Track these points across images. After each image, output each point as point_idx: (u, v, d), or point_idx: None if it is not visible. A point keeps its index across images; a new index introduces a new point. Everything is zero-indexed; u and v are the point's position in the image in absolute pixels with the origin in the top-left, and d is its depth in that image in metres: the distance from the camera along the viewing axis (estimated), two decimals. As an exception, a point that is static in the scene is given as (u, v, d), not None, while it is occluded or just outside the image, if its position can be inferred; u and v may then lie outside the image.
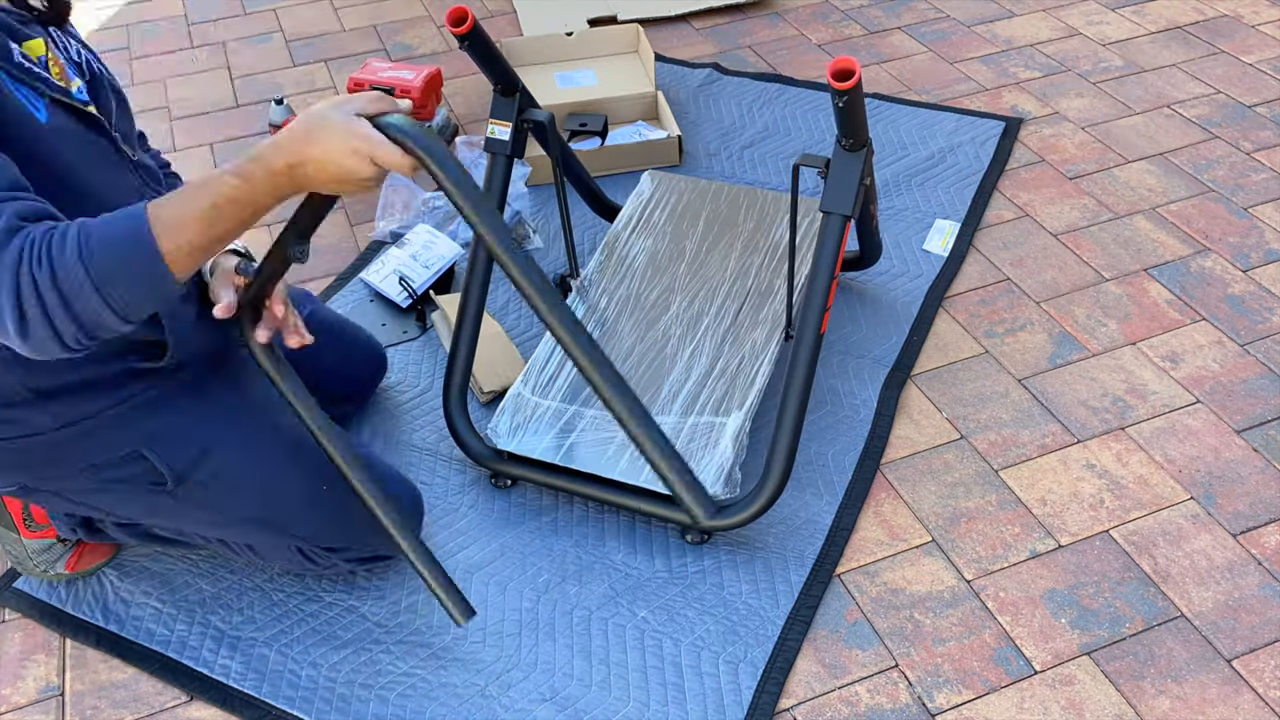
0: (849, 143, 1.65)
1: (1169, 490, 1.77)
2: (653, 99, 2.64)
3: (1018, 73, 2.81)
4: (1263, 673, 1.52)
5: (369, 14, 3.22)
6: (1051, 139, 2.57)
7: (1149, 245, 2.25)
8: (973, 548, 1.70)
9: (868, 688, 1.53)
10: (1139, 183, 2.43)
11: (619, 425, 1.27)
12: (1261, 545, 1.68)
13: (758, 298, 1.96)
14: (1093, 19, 3.03)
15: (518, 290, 1.11)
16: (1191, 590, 1.63)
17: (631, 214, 2.15)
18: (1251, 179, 2.42)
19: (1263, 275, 2.17)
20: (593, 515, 1.76)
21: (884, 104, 2.70)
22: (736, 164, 2.53)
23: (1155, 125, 2.60)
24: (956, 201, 2.38)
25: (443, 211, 2.37)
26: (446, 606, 1.41)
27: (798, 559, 1.68)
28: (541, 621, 1.61)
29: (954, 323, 2.10)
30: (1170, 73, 2.79)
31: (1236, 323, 2.07)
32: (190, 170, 2.60)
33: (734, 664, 1.55)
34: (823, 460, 1.83)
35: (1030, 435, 1.88)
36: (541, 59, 2.84)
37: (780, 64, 2.89)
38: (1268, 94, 2.69)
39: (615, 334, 1.92)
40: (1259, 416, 1.89)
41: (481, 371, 1.96)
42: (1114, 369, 1.99)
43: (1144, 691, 1.51)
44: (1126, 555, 1.68)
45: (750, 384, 1.80)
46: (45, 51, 1.24)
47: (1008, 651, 1.56)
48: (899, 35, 3.00)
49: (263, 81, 2.93)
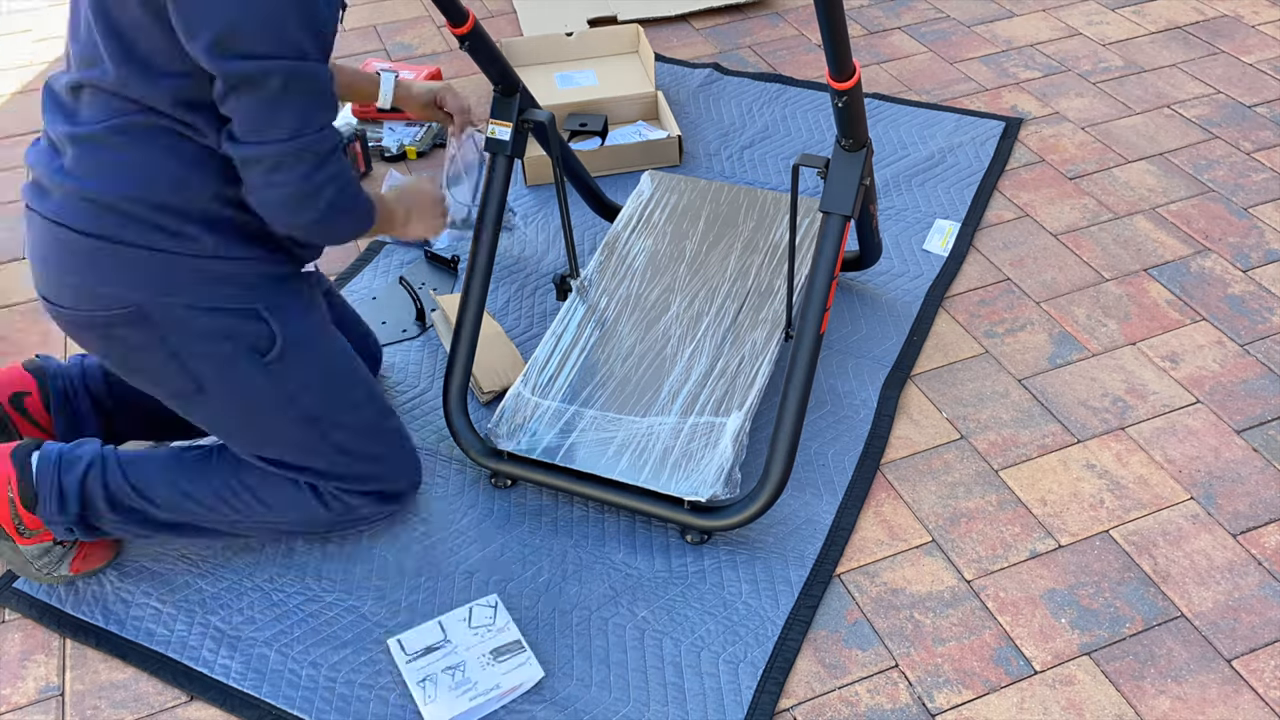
0: (849, 143, 1.65)
1: (1169, 490, 1.78)
2: (653, 99, 2.64)
3: (1018, 73, 2.81)
4: (1263, 673, 1.52)
5: (369, 14, 3.22)
6: (1051, 139, 2.57)
7: (1149, 245, 2.26)
8: (973, 548, 1.70)
9: (868, 688, 1.53)
10: (1139, 183, 2.43)
11: None
12: (1262, 545, 1.69)
13: (758, 298, 1.96)
14: (1093, 19, 3.03)
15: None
16: (1191, 590, 1.63)
17: (631, 214, 2.15)
18: (1251, 179, 2.42)
19: (1263, 275, 2.17)
20: (593, 515, 1.76)
21: (884, 104, 2.70)
22: (736, 164, 2.53)
23: (1155, 125, 2.60)
24: (956, 201, 2.38)
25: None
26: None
27: (798, 559, 1.68)
28: (541, 621, 1.61)
29: (954, 323, 2.10)
30: (1170, 73, 2.79)
31: (1236, 323, 2.07)
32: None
33: (734, 664, 1.55)
34: (823, 460, 1.83)
35: (1030, 435, 1.88)
36: (541, 59, 2.85)
37: (780, 64, 2.89)
38: (1268, 94, 2.69)
39: (615, 334, 1.92)
40: (1259, 416, 1.89)
41: (481, 371, 1.96)
42: (1114, 369, 1.99)
43: (1144, 691, 1.51)
44: (1126, 555, 1.68)
45: (750, 384, 1.80)
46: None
47: (1008, 651, 1.56)
48: (899, 35, 3.00)
49: (263, 81, 2.93)
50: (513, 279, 2.23)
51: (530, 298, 2.19)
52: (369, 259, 2.30)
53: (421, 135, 2.60)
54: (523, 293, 2.20)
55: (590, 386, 1.83)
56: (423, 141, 2.60)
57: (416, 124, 2.63)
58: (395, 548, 1.72)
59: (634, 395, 1.81)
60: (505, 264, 2.27)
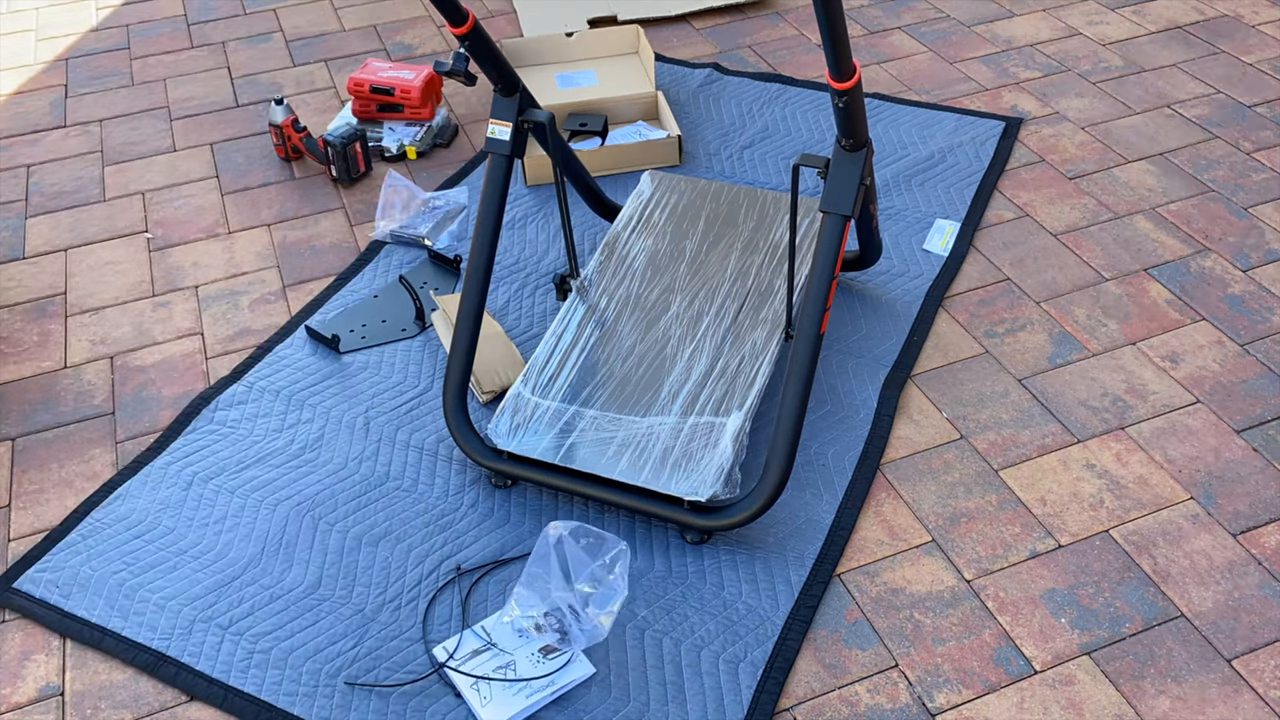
0: (849, 143, 1.65)
1: (1169, 490, 1.78)
2: (653, 99, 2.64)
3: (1018, 73, 2.81)
4: (1263, 673, 1.52)
5: (369, 14, 3.22)
6: (1051, 139, 2.57)
7: (1149, 245, 2.26)
8: (973, 548, 1.70)
9: (867, 687, 1.53)
10: (1139, 183, 2.43)
11: None
12: (1261, 545, 1.69)
13: (758, 298, 1.96)
14: (1093, 19, 3.03)
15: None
16: (1191, 590, 1.63)
17: (631, 214, 2.15)
18: (1251, 179, 2.42)
19: (1263, 275, 2.17)
20: (593, 515, 1.76)
21: (884, 104, 2.70)
22: (736, 164, 2.53)
23: (1155, 125, 2.60)
24: (956, 201, 2.38)
25: (442, 211, 2.37)
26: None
27: (797, 559, 1.68)
28: (541, 621, 1.61)
29: (954, 323, 2.10)
30: (1170, 73, 2.79)
31: (1236, 322, 2.07)
32: (192, 170, 2.60)
33: (734, 664, 1.55)
34: (823, 460, 1.83)
35: (1030, 435, 1.88)
36: (541, 59, 2.85)
37: (780, 64, 2.89)
38: (1268, 94, 2.69)
39: (615, 334, 1.92)
40: (1259, 416, 1.89)
41: (481, 371, 1.96)
42: (1114, 369, 1.99)
43: (1144, 691, 1.51)
44: (1126, 555, 1.68)
45: (750, 384, 1.80)
46: None
47: (1008, 651, 1.56)
48: (899, 35, 3.00)
49: (263, 81, 2.93)
50: (513, 279, 2.23)
51: (530, 297, 2.19)
52: (369, 259, 2.30)
53: (421, 135, 2.60)
54: (523, 292, 2.20)
55: (590, 386, 1.83)
56: (422, 141, 2.60)
57: (416, 124, 2.63)
58: (399, 547, 1.72)
59: (634, 395, 1.81)
60: (505, 264, 2.27)
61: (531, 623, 1.55)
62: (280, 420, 1.94)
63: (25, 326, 2.19)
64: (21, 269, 2.34)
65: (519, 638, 1.56)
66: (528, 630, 1.56)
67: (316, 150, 2.51)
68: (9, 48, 3.15)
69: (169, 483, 1.84)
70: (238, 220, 2.44)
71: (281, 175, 2.58)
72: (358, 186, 2.52)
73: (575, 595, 1.51)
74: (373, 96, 2.62)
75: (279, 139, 2.57)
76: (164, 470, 1.87)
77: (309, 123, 2.73)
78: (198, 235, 2.41)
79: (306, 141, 2.53)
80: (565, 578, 1.52)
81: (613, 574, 1.53)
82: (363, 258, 2.31)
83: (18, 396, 2.04)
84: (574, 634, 1.52)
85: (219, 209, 2.48)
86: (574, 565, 1.52)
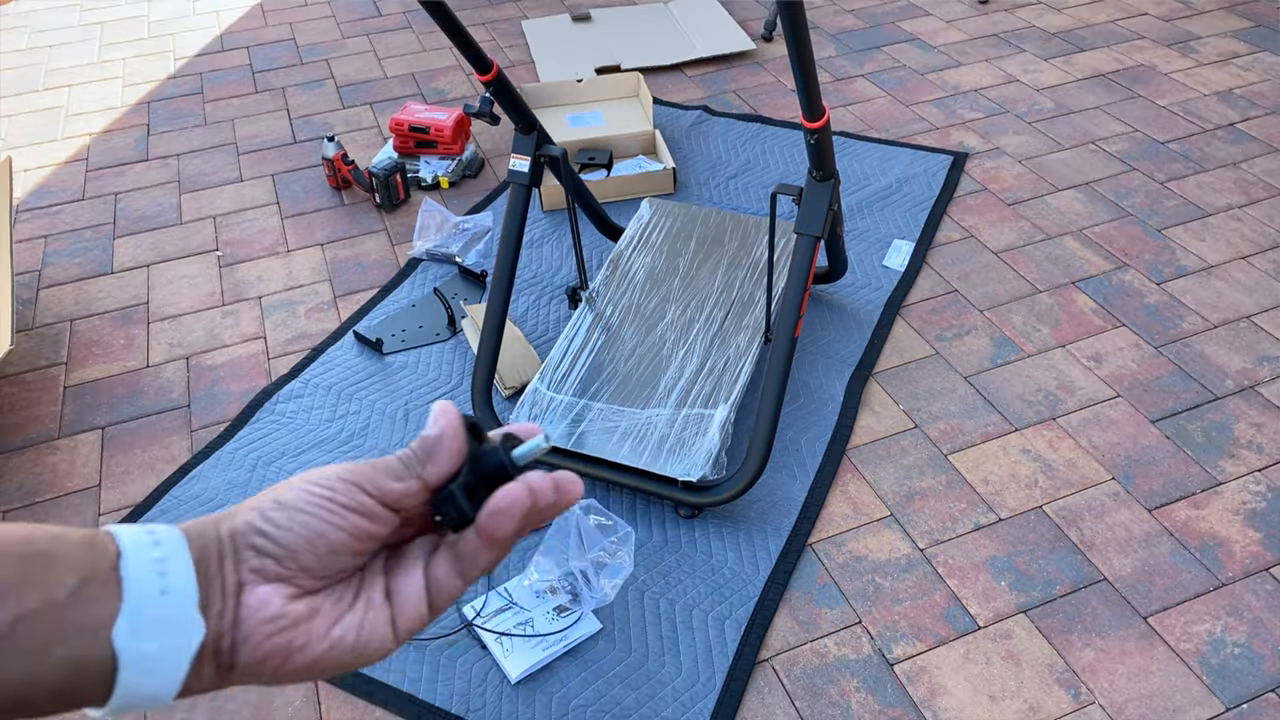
0: (819, 174, 1.65)
1: (1093, 472, 1.77)
2: (651, 136, 2.64)
3: (964, 114, 2.81)
4: (1174, 628, 1.52)
5: (408, 64, 3.22)
6: (993, 170, 2.57)
7: (1076, 262, 2.25)
8: (925, 521, 1.70)
9: (835, 641, 1.53)
10: (1068, 208, 2.43)
11: None
12: (1173, 519, 1.68)
13: (741, 307, 1.96)
14: (1028, 68, 3.03)
15: None
16: (1113, 558, 1.63)
17: (633, 235, 2.15)
18: (1164, 205, 2.42)
19: (1174, 288, 2.17)
20: (599, 493, 1.76)
21: (849, 141, 2.69)
22: (723, 192, 2.52)
23: (1081, 159, 2.60)
24: (912, 224, 2.38)
25: (470, 233, 2.37)
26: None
27: (775, 531, 1.68)
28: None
29: (909, 328, 2.10)
30: (1095, 114, 2.79)
31: (1151, 328, 2.07)
32: (256, 197, 2.60)
33: (720, 620, 1.55)
34: (796, 446, 1.83)
35: (975, 425, 1.88)
36: (555, 102, 2.84)
37: (761, 106, 2.89)
38: (1178, 132, 2.69)
39: (619, 338, 1.92)
40: (1171, 409, 1.89)
41: (505, 370, 1.96)
42: (1046, 368, 1.99)
43: (1072, 644, 1.51)
44: (1057, 528, 1.68)
45: (735, 381, 1.80)
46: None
47: (955, 610, 1.56)
48: (862, 82, 3.00)
49: (317, 121, 2.93)
50: (531, 290, 2.23)
51: (546, 306, 2.19)
52: (408, 273, 2.30)
53: (452, 168, 2.60)
54: (540, 302, 2.20)
55: (598, 383, 1.83)
56: (453, 173, 2.60)
57: (449, 158, 2.63)
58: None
59: (635, 390, 1.81)
60: (525, 278, 2.27)
61: (548, 585, 1.55)
62: (331, 412, 1.94)
63: (113, 331, 2.19)
64: (110, 282, 2.34)
65: (537, 598, 1.56)
66: (545, 592, 1.56)
67: (363, 180, 2.51)
68: (100, 93, 3.15)
69: (236, 465, 1.84)
70: (295, 240, 2.44)
71: (333, 202, 2.58)
72: (398, 212, 2.52)
73: (588, 564, 1.51)
74: (411, 134, 2.62)
75: (330, 171, 2.57)
76: (232, 455, 1.87)
77: (356, 157, 2.73)
78: (261, 253, 2.41)
79: (354, 173, 2.53)
80: (579, 548, 1.52)
81: (620, 553, 1.53)
82: (402, 272, 2.31)
83: (107, 391, 2.04)
84: (584, 596, 1.52)
85: (279, 230, 2.48)
86: (587, 538, 1.52)
